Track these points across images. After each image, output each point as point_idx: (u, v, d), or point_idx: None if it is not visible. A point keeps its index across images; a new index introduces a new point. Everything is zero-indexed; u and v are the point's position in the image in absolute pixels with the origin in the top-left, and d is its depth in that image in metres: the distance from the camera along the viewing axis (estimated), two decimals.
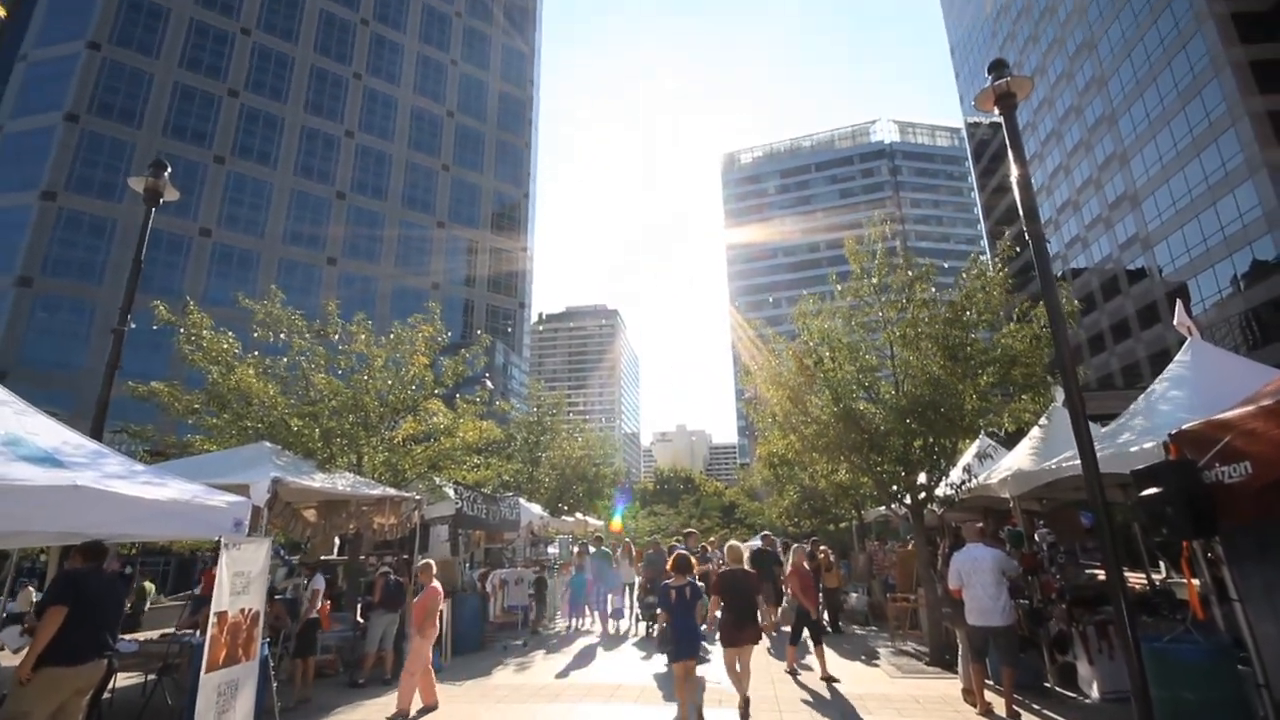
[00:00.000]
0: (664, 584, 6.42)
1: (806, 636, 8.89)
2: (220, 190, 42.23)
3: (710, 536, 27.57)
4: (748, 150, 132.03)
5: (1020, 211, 5.86)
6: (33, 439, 4.02)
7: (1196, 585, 5.06)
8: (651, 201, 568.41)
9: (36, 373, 33.22)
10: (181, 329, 10.04)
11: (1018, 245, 10.26)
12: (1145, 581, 9.01)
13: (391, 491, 9.38)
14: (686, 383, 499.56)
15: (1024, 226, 5.78)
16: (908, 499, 9.63)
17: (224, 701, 4.75)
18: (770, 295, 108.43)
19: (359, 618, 9.80)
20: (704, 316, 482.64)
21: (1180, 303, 8.05)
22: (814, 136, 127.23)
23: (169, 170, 8.12)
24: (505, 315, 55.58)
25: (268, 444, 8.57)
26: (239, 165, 43.33)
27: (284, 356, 10.88)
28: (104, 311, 35.13)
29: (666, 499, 66.94)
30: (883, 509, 12.97)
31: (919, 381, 9.25)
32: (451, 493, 11.60)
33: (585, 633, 13.16)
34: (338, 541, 12.62)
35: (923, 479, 9.46)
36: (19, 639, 7.44)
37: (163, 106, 41.25)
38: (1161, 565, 10.64)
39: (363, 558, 11.65)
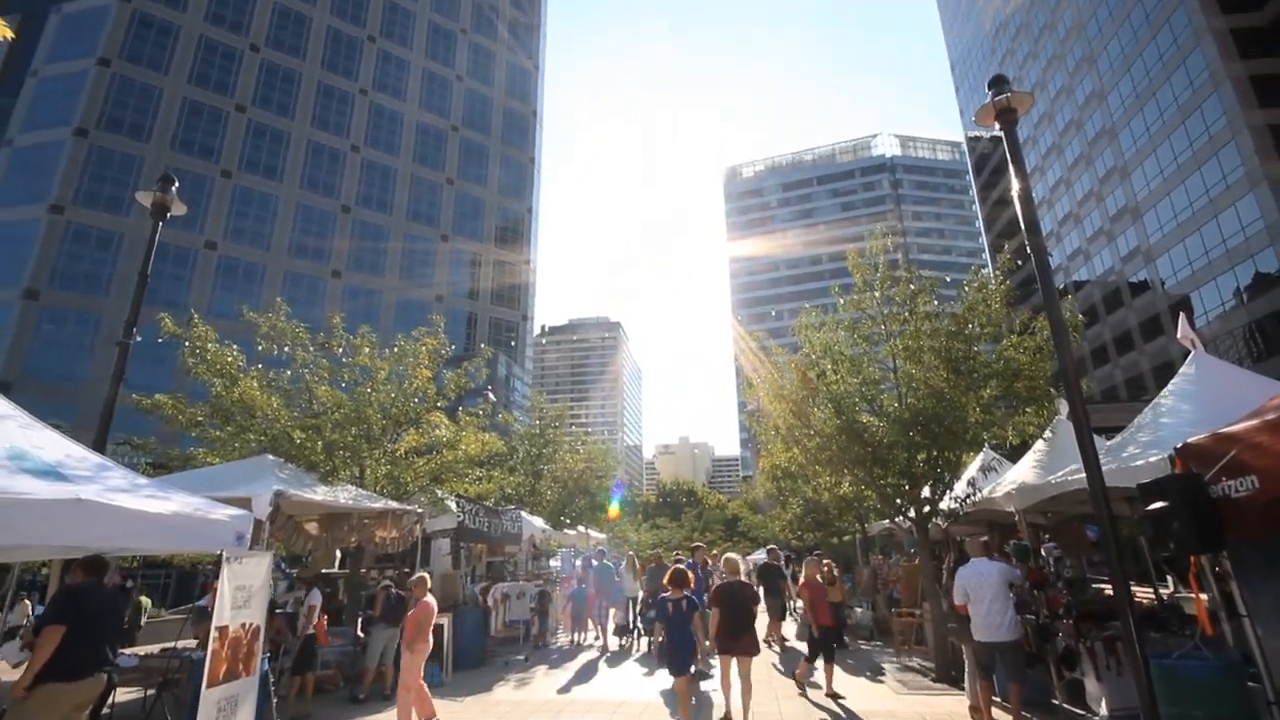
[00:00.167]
0: (661, 597, 6.59)
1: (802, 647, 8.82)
2: (227, 204, 42.60)
3: (713, 550, 27.40)
4: (749, 164, 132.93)
5: (1022, 225, 5.89)
6: (37, 452, 4.04)
7: (1205, 600, 5.01)
8: (654, 214, 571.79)
9: (41, 384, 33.35)
10: (186, 342, 10.09)
11: (1019, 258, 10.28)
12: (1153, 596, 8.92)
13: (393, 504, 9.36)
14: (689, 395, 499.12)
15: (1026, 240, 5.80)
16: (912, 512, 9.57)
17: (224, 717, 4.71)
18: (773, 308, 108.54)
19: (359, 632, 9.74)
20: (706, 328, 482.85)
21: (1184, 316, 8.05)
22: (815, 150, 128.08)
23: (176, 185, 8.21)
24: (508, 327, 55.71)
25: (270, 457, 8.58)
26: (245, 179, 43.73)
27: (288, 369, 10.92)
28: (109, 324, 35.31)
29: (669, 512, 66.66)
30: (887, 522, 12.90)
31: (922, 394, 9.24)
32: (453, 506, 11.57)
33: (588, 647, 13.05)
34: (339, 555, 12.58)
35: (927, 492, 9.41)
36: (19, 654, 7.42)
37: (171, 121, 41.73)
38: (1169, 580, 10.53)
39: (364, 571, 11.60)
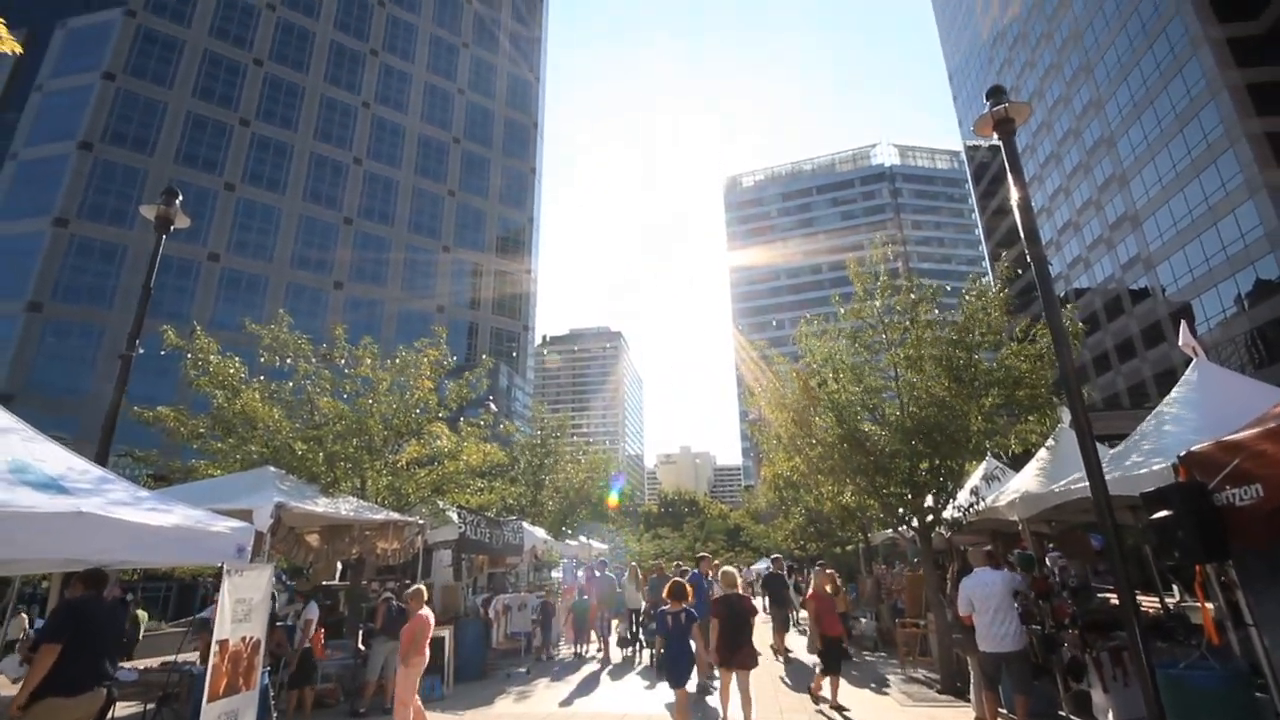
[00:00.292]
0: (660, 610, 6.67)
1: (812, 661, 8.74)
2: (230, 216, 42.85)
3: (715, 560, 27.27)
4: (749, 173, 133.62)
5: (1021, 234, 5.91)
6: (39, 465, 4.04)
7: (1210, 609, 4.98)
8: (654, 224, 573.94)
9: (44, 397, 33.39)
10: (189, 354, 10.11)
11: (1019, 267, 10.29)
12: (1159, 606, 8.85)
13: (395, 516, 9.34)
14: (690, 404, 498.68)
15: (1025, 248, 5.82)
16: (915, 522, 9.53)
17: None
18: (773, 317, 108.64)
19: (360, 645, 9.68)
20: (707, 338, 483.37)
21: (1185, 324, 8.04)
22: (815, 160, 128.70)
23: (180, 198, 8.26)
24: (509, 337, 55.79)
25: (271, 468, 8.57)
26: (249, 192, 44.01)
27: (290, 380, 10.93)
28: (113, 336, 35.40)
29: (671, 522, 66.42)
30: (889, 531, 12.83)
31: (924, 403, 9.22)
32: (455, 516, 11.54)
33: (590, 659, 12.96)
34: (340, 567, 12.53)
35: (930, 501, 9.37)
36: (18, 668, 7.38)
37: (175, 135, 42.07)
38: (1175, 588, 10.46)
39: (365, 583, 11.55)
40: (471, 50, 59.36)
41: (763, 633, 15.29)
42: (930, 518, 9.37)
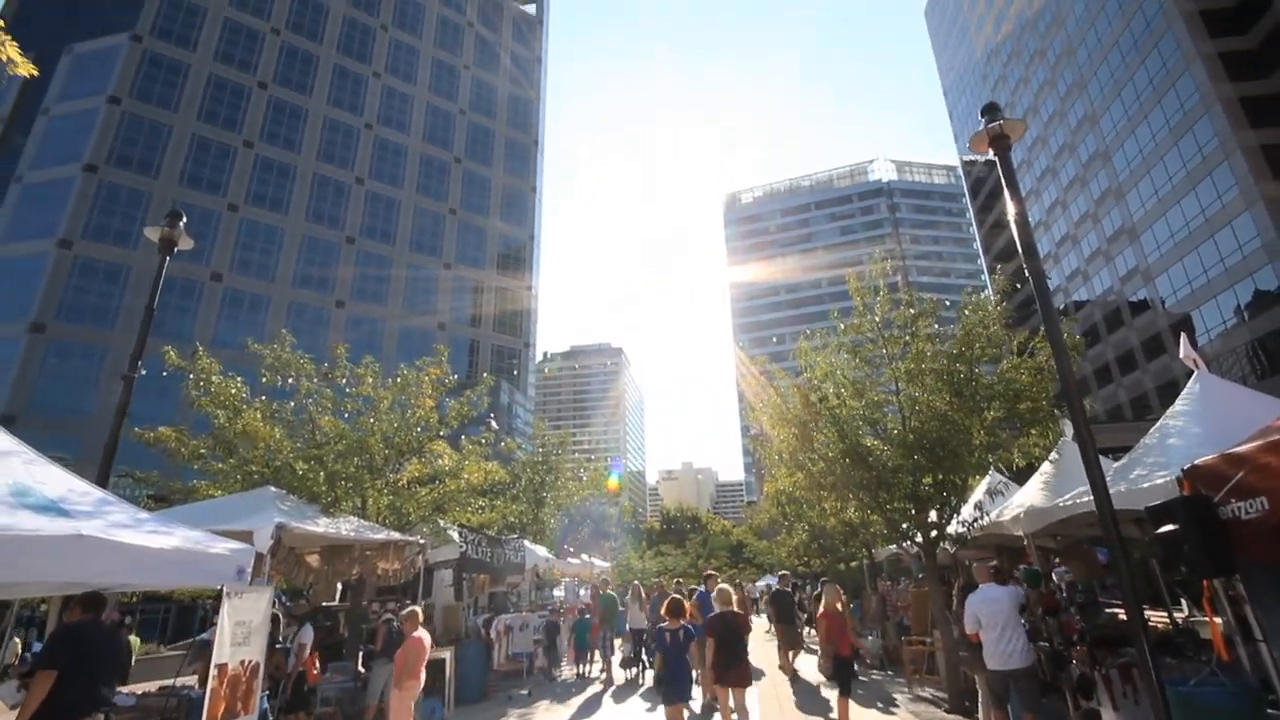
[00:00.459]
0: (659, 627, 6.76)
1: (818, 680, 8.61)
2: (233, 236, 43.15)
3: (719, 578, 27.05)
4: (748, 190, 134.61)
5: (1019, 248, 5.94)
6: (40, 488, 4.03)
7: (1219, 624, 4.92)
8: (654, 239, 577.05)
9: (46, 418, 33.38)
10: (190, 375, 10.13)
11: (1017, 281, 10.32)
12: (1168, 621, 8.75)
13: (396, 535, 9.29)
14: (692, 420, 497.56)
15: (1023, 263, 5.85)
16: (919, 537, 9.45)
17: None
18: (774, 333, 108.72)
19: (360, 667, 9.57)
20: (708, 353, 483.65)
21: (1185, 336, 8.05)
22: (813, 176, 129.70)
23: (184, 220, 8.33)
24: (510, 354, 55.84)
25: (272, 489, 8.54)
26: (252, 212, 44.37)
27: (291, 400, 10.93)
28: (115, 356, 35.46)
29: (673, 538, 65.92)
30: (894, 547, 12.73)
31: (925, 417, 9.20)
32: (456, 535, 11.47)
33: (593, 680, 12.79)
34: (340, 587, 12.42)
35: (933, 516, 9.31)
36: (16, 694, 7.30)
37: (180, 157, 42.52)
38: (1183, 603, 10.34)
39: (365, 604, 11.44)
40: (473, 71, 60.18)
41: (768, 651, 15.10)
42: (934, 533, 9.30)
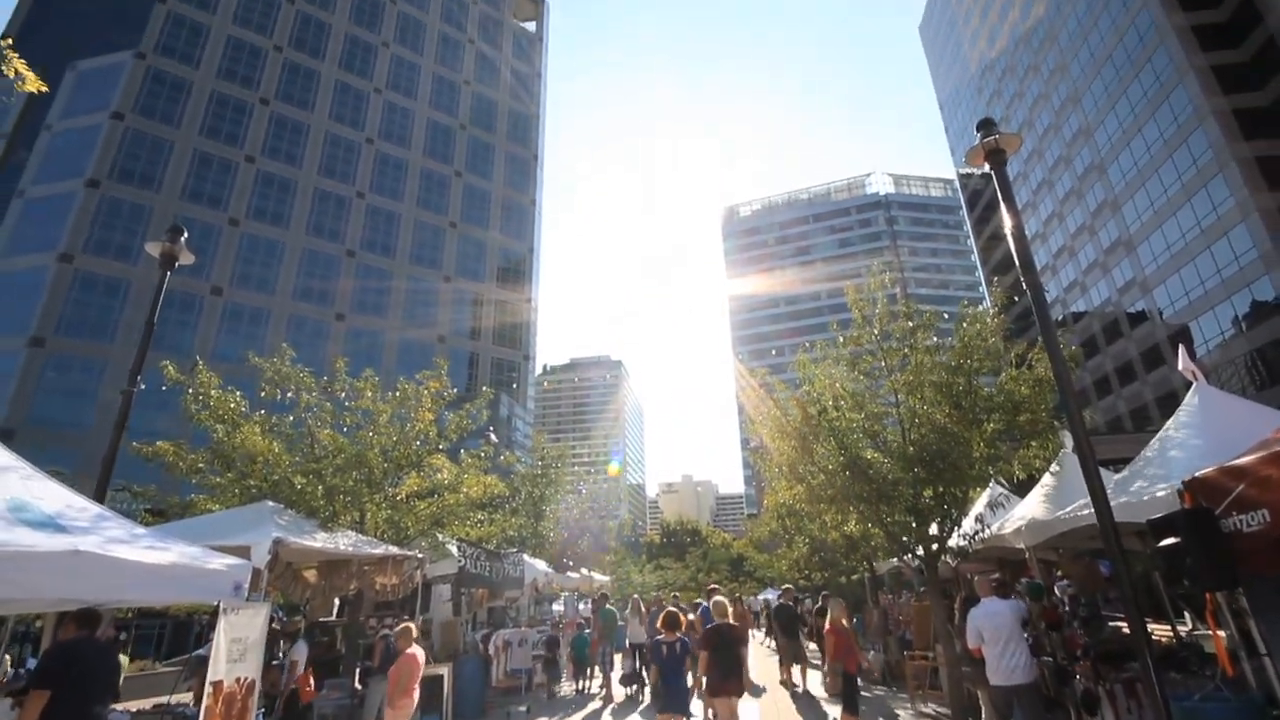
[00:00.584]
0: (655, 640, 6.87)
1: (819, 696, 8.52)
2: (234, 250, 43.30)
3: (721, 592, 26.86)
4: (747, 203, 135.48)
5: (1017, 262, 5.97)
6: (38, 504, 4.02)
7: (1223, 638, 4.89)
8: (653, 253, 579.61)
9: (44, 431, 33.29)
10: (190, 388, 10.11)
11: (1015, 294, 10.35)
12: (1171, 634, 8.68)
13: (394, 550, 9.23)
14: (691, 432, 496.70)
15: (1021, 276, 5.88)
16: (920, 550, 9.40)
17: None
18: (773, 345, 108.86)
19: (357, 684, 9.47)
20: (708, 366, 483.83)
21: (1183, 348, 8.07)
22: (811, 189, 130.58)
23: (185, 235, 8.37)
24: (510, 367, 55.84)
25: (269, 503, 8.50)
26: (252, 227, 44.56)
27: (290, 414, 10.90)
28: (114, 370, 35.43)
29: (673, 552, 65.52)
30: (895, 561, 12.65)
31: (925, 430, 9.18)
32: (454, 550, 11.39)
33: (592, 696, 12.65)
34: (337, 603, 12.32)
35: (934, 529, 9.26)
36: (9, 712, 7.21)
37: (181, 172, 42.78)
38: (1187, 616, 10.27)
39: (363, 620, 11.35)
40: (473, 87, 60.75)
41: (769, 666, 14.96)
42: (935, 546, 9.25)
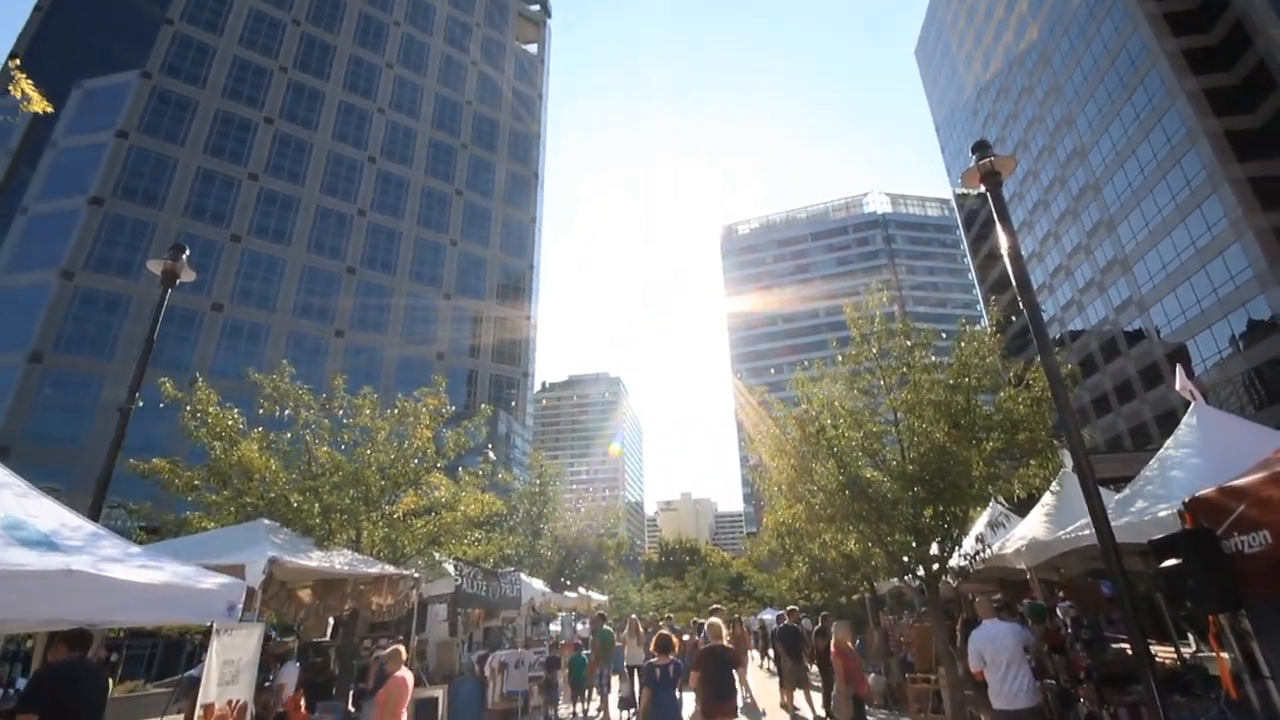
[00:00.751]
0: (649, 662, 6.95)
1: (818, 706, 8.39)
2: (235, 267, 43.46)
3: (723, 611, 26.53)
4: (745, 222, 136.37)
5: (1013, 283, 6.01)
6: (32, 522, 3.99)
7: (1227, 661, 4.84)
8: (653, 271, 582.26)
9: (39, 448, 33.12)
10: (188, 406, 10.09)
11: (1012, 313, 10.39)
12: (1175, 656, 8.59)
13: (390, 569, 9.14)
14: (690, 450, 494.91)
15: (1018, 296, 5.91)
16: (920, 570, 9.32)
17: None
18: (772, 363, 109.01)
19: (350, 706, 9.33)
20: (707, 384, 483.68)
21: (1180, 367, 8.09)
22: (809, 208, 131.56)
23: (187, 253, 8.41)
24: (509, 384, 55.79)
25: (265, 521, 8.44)
26: (254, 243, 44.77)
27: (288, 431, 10.87)
28: (112, 386, 35.36)
29: (672, 571, 64.90)
30: (895, 581, 12.53)
31: (924, 449, 9.16)
32: (451, 569, 11.29)
33: (589, 719, 12.45)
34: (331, 622, 12.17)
35: (935, 550, 9.19)
36: None
37: (185, 189, 43.08)
38: (1190, 637, 10.16)
39: (357, 640, 11.20)
40: (475, 107, 61.51)
41: (769, 688, 14.75)
42: (936, 566, 9.18)
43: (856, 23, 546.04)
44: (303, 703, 8.36)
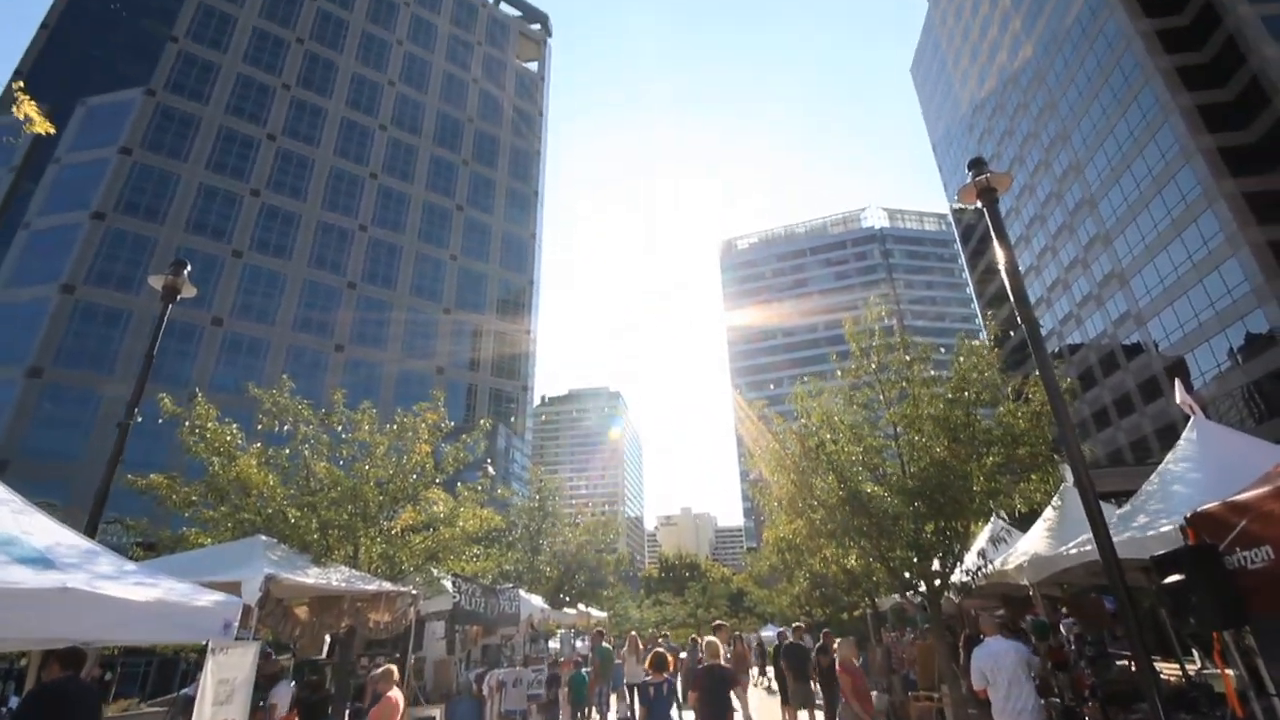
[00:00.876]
0: (643, 681, 6.98)
1: None
2: (235, 281, 43.58)
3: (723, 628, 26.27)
4: (744, 236, 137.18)
5: (1011, 297, 6.03)
6: (28, 539, 3.97)
7: (1232, 678, 4.79)
8: (653, 285, 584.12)
9: (36, 463, 32.96)
10: (186, 421, 10.07)
11: (1010, 328, 10.41)
12: (1180, 673, 8.50)
13: (388, 586, 9.07)
14: (690, 464, 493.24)
15: (1015, 311, 5.93)
16: (922, 586, 9.25)
17: None
18: (771, 378, 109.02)
19: None
20: (706, 398, 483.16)
21: (1179, 382, 8.10)
22: (807, 223, 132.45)
23: (188, 268, 8.44)
24: (508, 398, 55.73)
25: (262, 538, 8.38)
26: (255, 258, 44.93)
27: (286, 446, 10.82)
28: (110, 401, 35.30)
29: (672, 586, 64.42)
30: (897, 597, 12.43)
31: (924, 463, 9.14)
32: (449, 585, 11.19)
33: None
34: (327, 640, 12.04)
35: (936, 565, 9.13)
36: None
37: (186, 205, 43.32)
38: (1195, 654, 10.06)
39: (355, 658, 11.06)
40: (476, 124, 62.10)
41: (770, 706, 14.56)
42: (938, 582, 9.11)
43: (854, 39, 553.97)
44: None
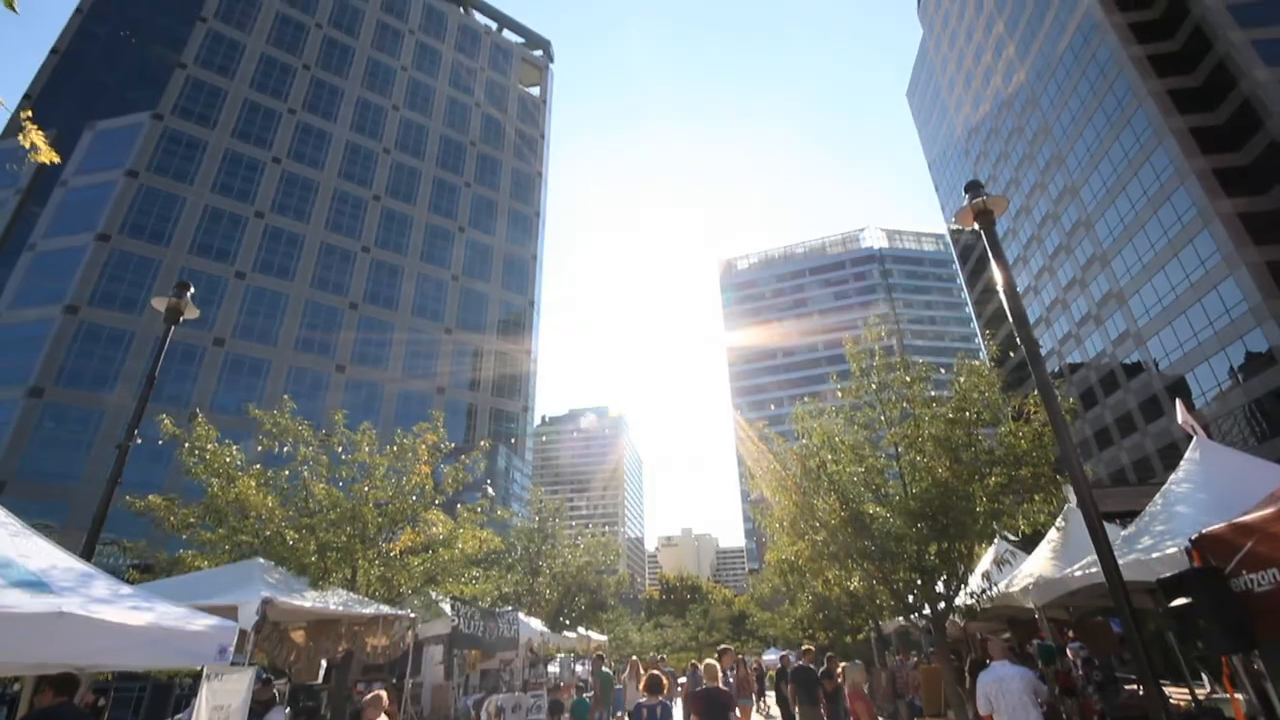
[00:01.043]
0: (637, 704, 7.08)
1: None
2: (238, 302, 43.75)
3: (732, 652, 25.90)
4: (743, 257, 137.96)
5: (1010, 318, 6.06)
6: (23, 562, 3.94)
7: (1241, 702, 4.71)
8: (653, 305, 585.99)
9: (35, 484, 32.78)
10: (186, 442, 10.04)
11: (1009, 349, 10.43)
12: (1189, 698, 8.35)
13: (385, 609, 8.97)
14: (691, 485, 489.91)
15: (1015, 332, 5.95)
16: (926, 609, 9.13)
17: None
18: (771, 398, 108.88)
19: None
20: (707, 418, 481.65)
21: (1181, 402, 8.09)
22: (806, 243, 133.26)
23: (191, 290, 8.49)
24: (509, 418, 55.59)
25: (259, 560, 8.31)
26: (258, 280, 45.16)
27: (286, 467, 10.77)
28: (111, 421, 35.23)
29: (673, 608, 63.63)
30: (901, 619, 12.27)
31: (926, 484, 9.08)
32: (448, 608, 11.06)
33: None
34: (324, 664, 11.86)
35: (940, 588, 9.03)
36: None
37: (191, 227, 43.67)
38: (1204, 678, 9.90)
39: (352, 683, 10.89)
40: (479, 148, 62.91)
41: None
42: (942, 605, 8.99)
43: (852, 61, 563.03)
44: None
